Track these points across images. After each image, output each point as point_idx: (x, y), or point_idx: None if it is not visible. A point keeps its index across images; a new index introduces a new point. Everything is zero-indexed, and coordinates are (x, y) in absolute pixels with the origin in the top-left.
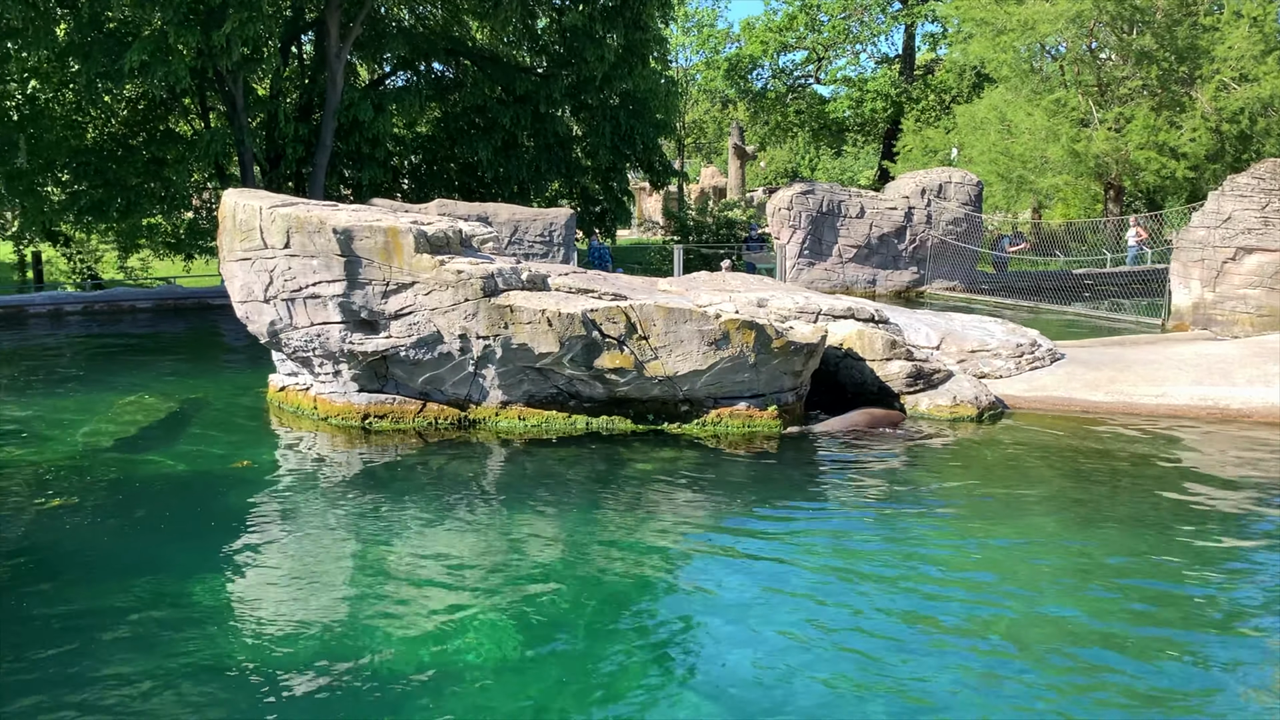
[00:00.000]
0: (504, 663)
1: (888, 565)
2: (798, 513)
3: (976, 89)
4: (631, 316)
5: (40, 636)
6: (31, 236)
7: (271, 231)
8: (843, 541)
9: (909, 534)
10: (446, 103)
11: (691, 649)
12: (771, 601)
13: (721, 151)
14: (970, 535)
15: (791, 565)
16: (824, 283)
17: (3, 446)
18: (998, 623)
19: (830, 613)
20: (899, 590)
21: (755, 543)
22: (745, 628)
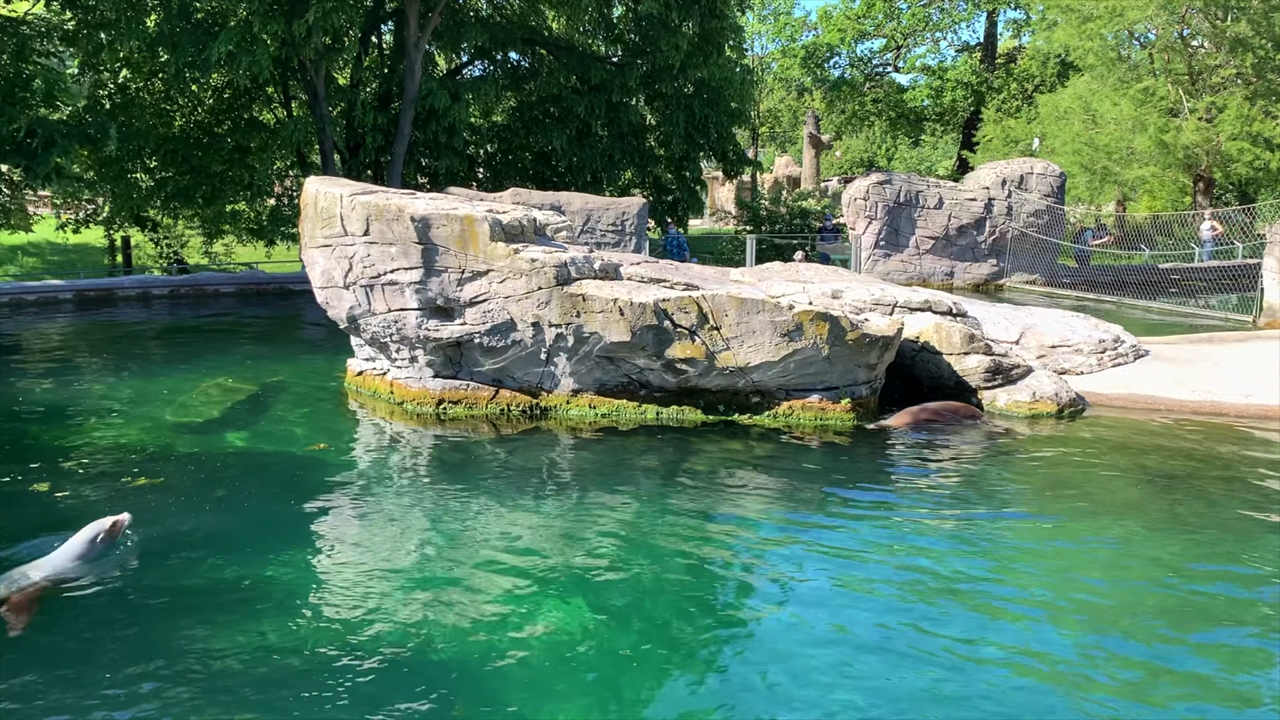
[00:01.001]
0: (570, 650)
1: (959, 567)
2: (869, 509)
3: (1060, 77)
4: (703, 306)
5: (121, 609)
6: (121, 221)
7: (352, 219)
8: (914, 539)
9: (982, 534)
10: (522, 92)
11: (757, 645)
12: (839, 599)
13: (796, 140)
14: (1046, 536)
15: (861, 562)
16: (900, 274)
17: (93, 426)
18: (1068, 628)
19: (896, 612)
20: (970, 592)
21: (825, 538)
22: (812, 625)
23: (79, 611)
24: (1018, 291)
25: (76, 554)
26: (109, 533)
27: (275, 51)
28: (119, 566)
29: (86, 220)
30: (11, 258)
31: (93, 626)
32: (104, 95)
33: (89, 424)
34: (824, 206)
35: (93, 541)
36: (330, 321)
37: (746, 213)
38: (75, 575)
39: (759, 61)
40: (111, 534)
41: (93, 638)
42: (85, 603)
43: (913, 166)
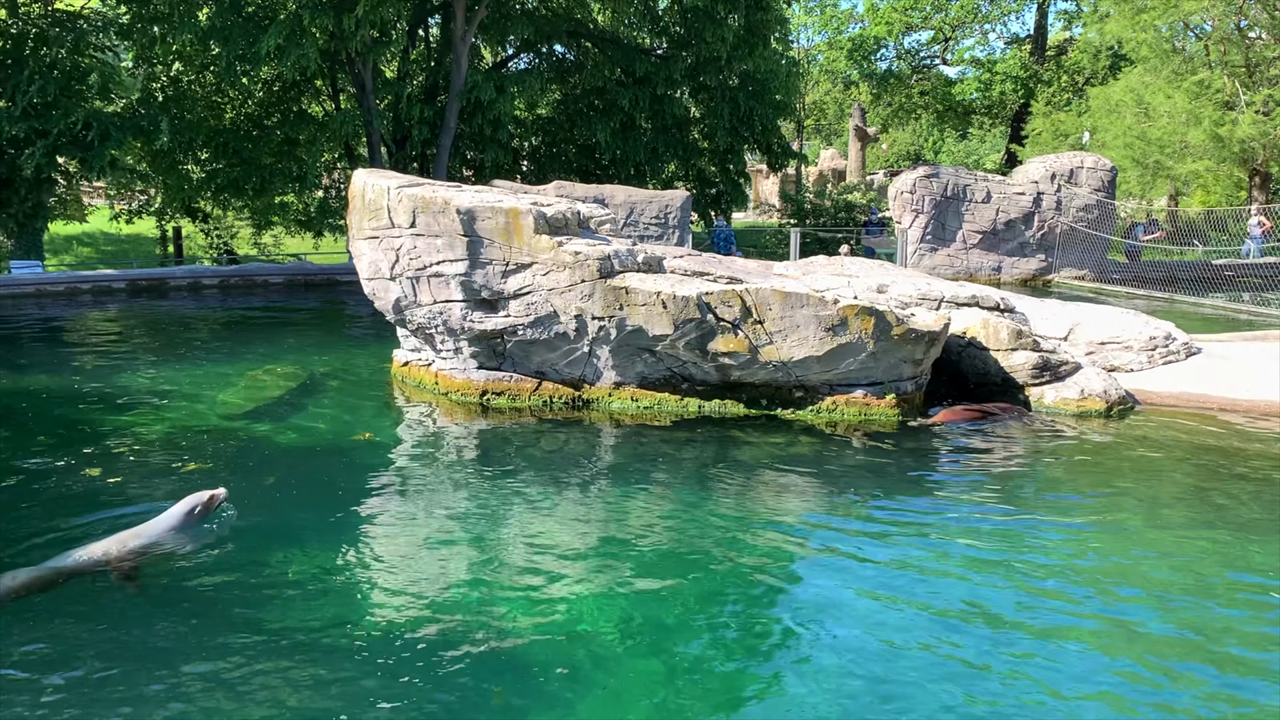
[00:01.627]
0: (608, 641)
1: (1002, 568)
2: (912, 506)
3: (1112, 70)
4: (747, 300)
5: (172, 591)
6: (172, 212)
7: (398, 211)
8: (956, 539)
9: (1027, 536)
10: (567, 85)
11: (793, 643)
12: (878, 600)
13: (842, 133)
14: (1094, 540)
15: (902, 562)
16: (946, 269)
17: (144, 412)
18: (1108, 636)
19: (934, 614)
20: (1013, 596)
21: (866, 535)
22: (849, 625)
23: (129, 592)
24: (1066, 287)
25: (172, 524)
26: (205, 505)
27: (324, 45)
28: (211, 539)
29: (139, 211)
30: (67, 247)
31: (142, 607)
32: (157, 88)
33: (140, 410)
34: (869, 200)
35: (190, 513)
36: (376, 312)
37: (790, 206)
38: (170, 545)
39: (805, 54)
40: (208, 507)
41: (140, 617)
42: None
43: (960, 160)
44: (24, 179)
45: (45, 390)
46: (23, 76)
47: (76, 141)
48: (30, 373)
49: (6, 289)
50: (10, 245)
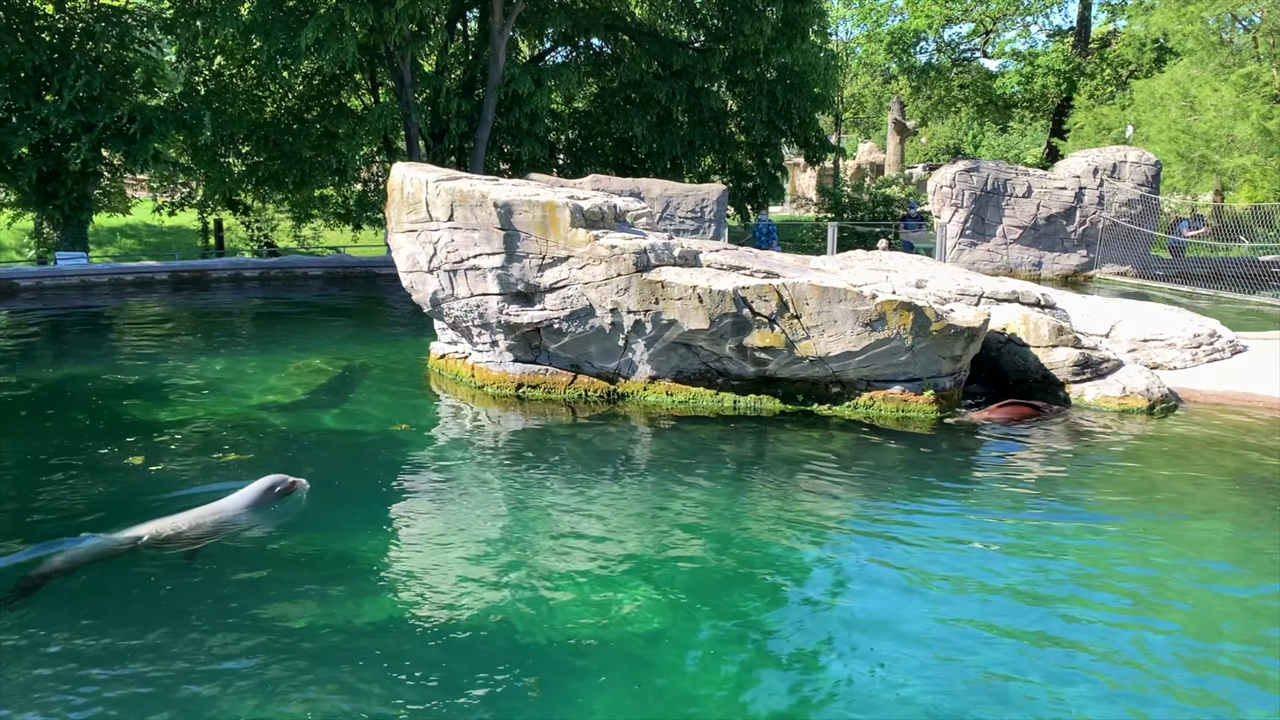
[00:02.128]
0: (640, 634)
1: (1040, 569)
2: (949, 505)
3: (1157, 63)
4: (784, 295)
5: (209, 576)
6: (214, 205)
7: (437, 205)
8: (994, 538)
9: (1066, 536)
10: (603, 78)
11: (827, 640)
12: (913, 597)
13: (880, 127)
14: (1133, 540)
15: (938, 560)
16: (986, 264)
17: (186, 402)
18: (1144, 645)
19: (970, 614)
20: (1049, 597)
21: (902, 533)
22: (883, 623)
23: (169, 575)
24: (1108, 283)
25: (249, 501)
26: (286, 488)
27: (363, 39)
28: (281, 523)
29: (181, 203)
30: (111, 239)
31: (180, 591)
32: (199, 82)
33: (182, 400)
34: (908, 194)
35: (269, 491)
36: (414, 305)
37: (828, 200)
38: (243, 521)
39: (843, 47)
40: (287, 490)
41: (177, 602)
42: (177, 568)
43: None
44: (70, 172)
45: (90, 379)
46: (69, 71)
47: (121, 135)
48: (75, 362)
49: (53, 280)
50: (56, 237)
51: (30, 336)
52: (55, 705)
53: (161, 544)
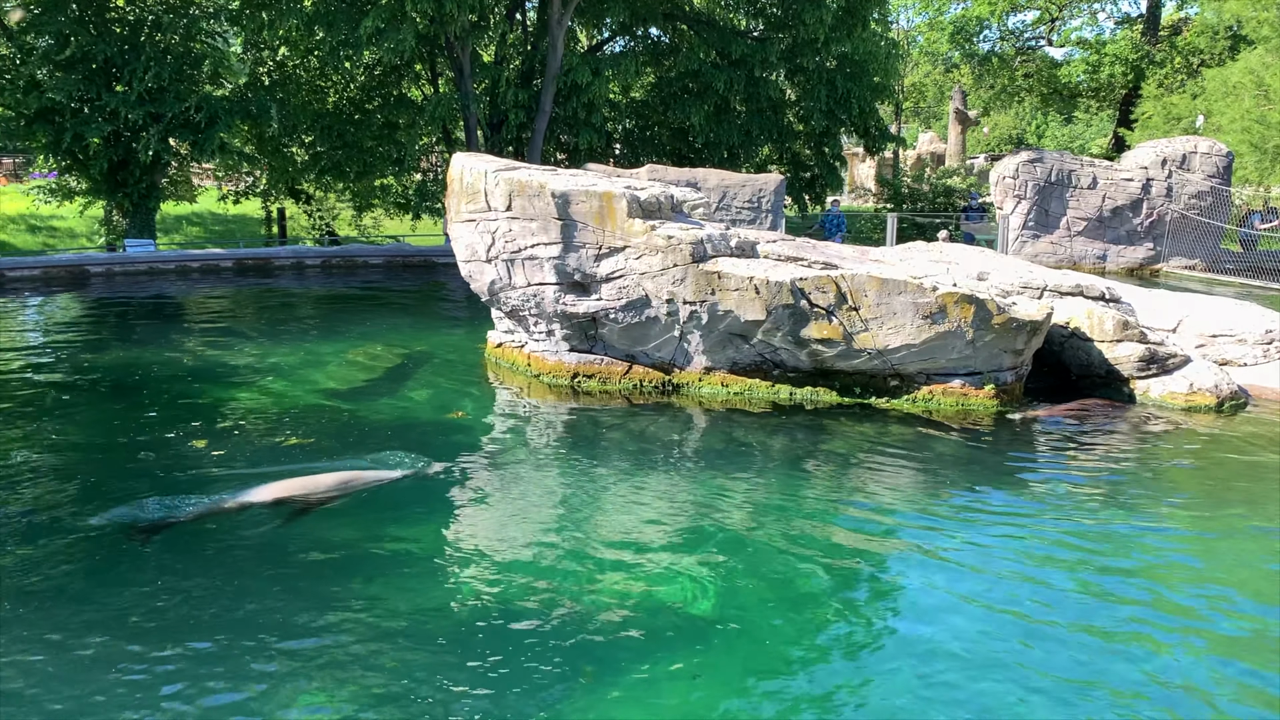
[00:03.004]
0: (694, 627)
1: (1099, 573)
2: (1007, 503)
3: (1230, 51)
4: (842, 286)
5: (267, 557)
6: (277, 194)
7: (495, 194)
8: (1052, 539)
9: (1127, 539)
10: (661, 67)
11: (877, 636)
12: (966, 597)
13: (941, 116)
14: (1199, 544)
15: (993, 560)
16: (1049, 257)
17: (248, 387)
18: (1206, 659)
19: (1023, 617)
20: (1107, 603)
21: (958, 530)
22: (933, 622)
23: (234, 554)
24: (1175, 277)
25: (385, 479)
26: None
27: (423, 29)
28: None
29: (245, 192)
30: (177, 226)
31: (240, 567)
32: (264, 73)
33: (245, 385)
34: (969, 185)
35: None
36: (471, 295)
37: (887, 190)
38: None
39: (905, 35)
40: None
41: (233, 576)
42: (239, 549)
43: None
44: (139, 161)
45: (156, 364)
46: (139, 63)
47: (188, 125)
48: (142, 347)
49: (122, 266)
50: (125, 224)
51: (101, 321)
52: (112, 670)
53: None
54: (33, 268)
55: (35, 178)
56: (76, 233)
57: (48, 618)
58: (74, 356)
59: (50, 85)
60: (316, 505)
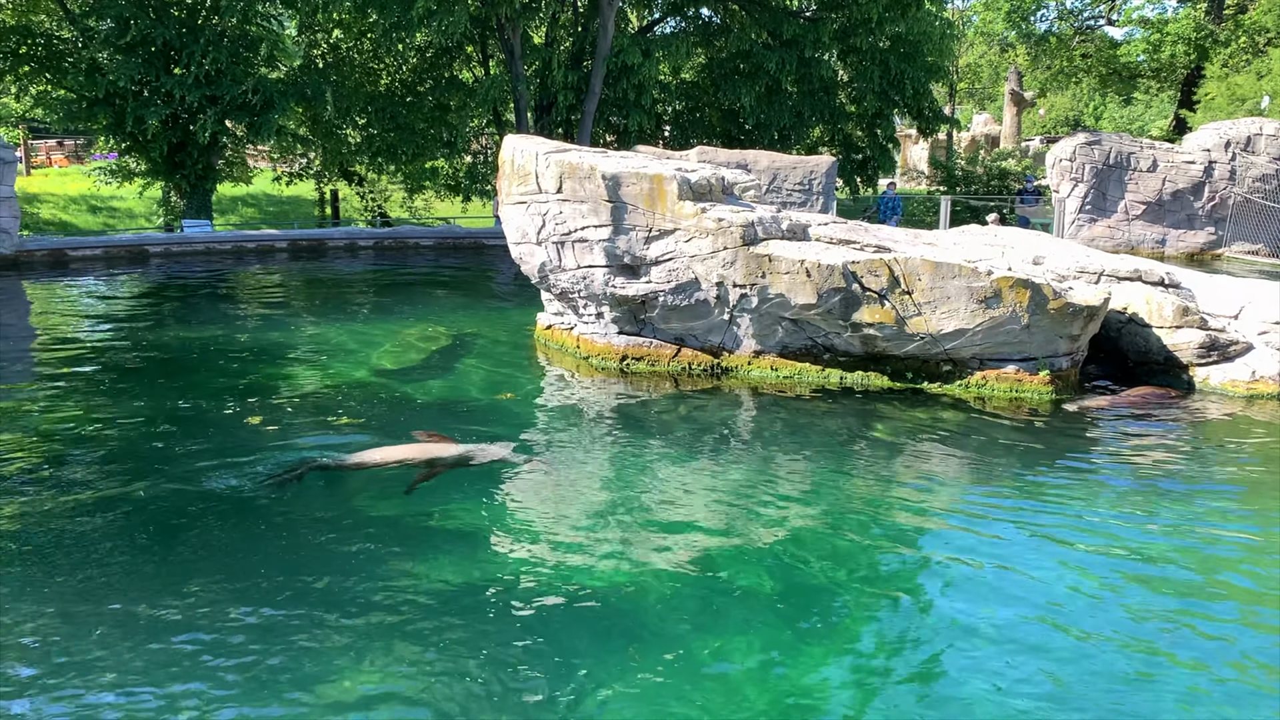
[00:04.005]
0: (741, 610)
1: (1150, 568)
2: (1060, 491)
3: None
4: (895, 270)
5: (318, 529)
6: (330, 175)
7: (546, 177)
8: (1104, 533)
9: (1183, 534)
10: (712, 48)
11: (921, 626)
12: (1013, 589)
13: (996, 98)
14: (1258, 544)
15: (1043, 548)
16: (1106, 241)
17: (302, 366)
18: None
19: (1068, 612)
20: (1158, 598)
21: (1009, 519)
22: (978, 613)
23: (291, 527)
24: (1238, 262)
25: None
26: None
27: (474, 10)
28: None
29: (299, 174)
30: (233, 207)
31: (294, 540)
32: (318, 55)
33: (299, 364)
34: (1025, 168)
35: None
36: (520, 276)
37: (940, 173)
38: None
39: (960, 15)
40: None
41: (285, 550)
42: (288, 523)
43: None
44: (197, 143)
45: (213, 342)
46: (197, 46)
47: (244, 107)
48: (200, 326)
49: (180, 246)
50: (183, 205)
51: (160, 301)
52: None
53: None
54: (94, 247)
55: (96, 159)
56: (135, 213)
57: (109, 585)
58: (134, 334)
59: (111, 69)
60: (440, 472)
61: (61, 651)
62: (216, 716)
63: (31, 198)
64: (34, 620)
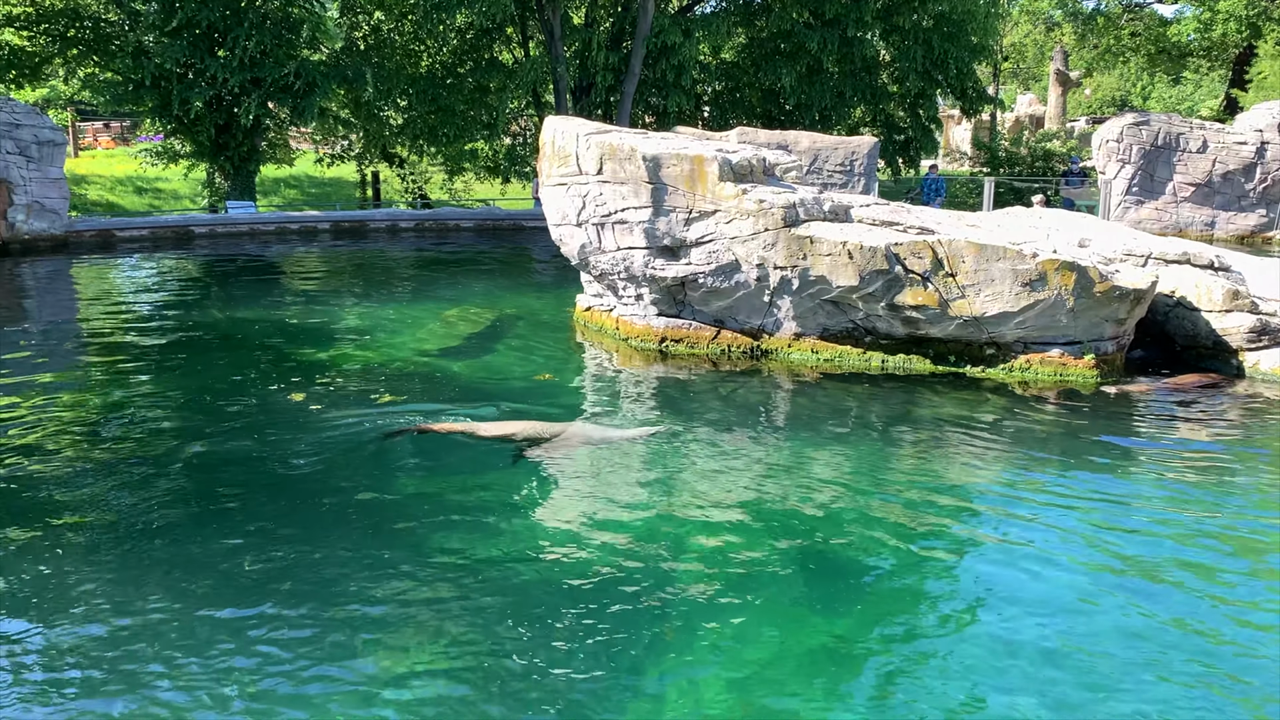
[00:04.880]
0: (777, 594)
1: (1194, 558)
2: (1103, 478)
3: None
4: (939, 252)
5: (361, 506)
6: (371, 157)
7: (586, 158)
8: (1148, 522)
9: (1228, 526)
10: (752, 28)
11: (960, 613)
12: (1055, 577)
13: (1041, 78)
14: None
15: (1083, 536)
16: (1153, 224)
17: (345, 345)
18: None
19: (1108, 602)
20: (1200, 591)
21: (1051, 506)
22: (1018, 600)
23: (329, 504)
24: None
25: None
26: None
27: None
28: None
29: (340, 156)
30: (275, 189)
31: (334, 514)
32: (359, 37)
33: (341, 343)
34: (1069, 149)
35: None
36: (559, 258)
37: (984, 154)
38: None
39: None
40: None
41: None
42: (333, 499)
43: (1170, 106)
44: (241, 126)
45: (258, 322)
46: (241, 29)
47: (287, 90)
48: (245, 305)
49: (225, 227)
50: (227, 187)
51: (205, 280)
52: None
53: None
54: (141, 228)
55: (142, 140)
56: (180, 194)
57: (153, 558)
58: (181, 314)
59: (157, 51)
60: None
61: (120, 615)
62: (259, 686)
63: (79, 179)
64: (90, 584)
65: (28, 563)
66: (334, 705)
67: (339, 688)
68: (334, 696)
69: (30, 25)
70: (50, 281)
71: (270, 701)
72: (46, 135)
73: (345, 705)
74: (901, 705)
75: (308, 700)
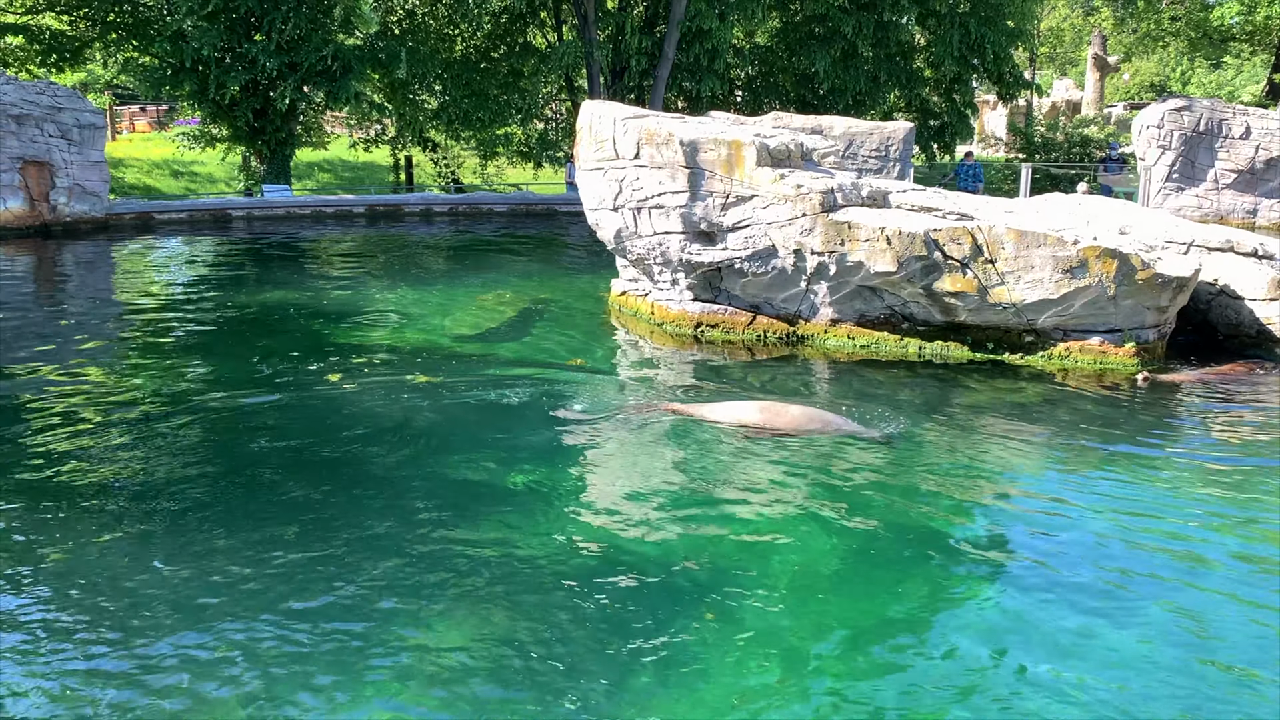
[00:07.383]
0: (812, 580)
1: (1235, 548)
2: (1143, 467)
3: None
4: (978, 238)
5: (385, 488)
6: (405, 142)
7: (623, 142)
8: (1187, 513)
9: (1271, 514)
10: (787, 12)
11: (995, 601)
12: (1093, 567)
13: (1078, 62)
14: None
15: (1125, 527)
16: (1194, 211)
17: (379, 327)
18: None
19: (1152, 593)
20: (1241, 582)
21: (1090, 495)
22: (1055, 590)
23: (364, 485)
24: None
25: (846, 430)
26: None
27: None
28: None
29: (375, 140)
30: (310, 173)
31: (366, 502)
32: (394, 21)
33: (376, 325)
34: (1107, 135)
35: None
36: (593, 243)
37: (1020, 139)
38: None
39: None
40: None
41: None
42: (368, 480)
43: (1211, 91)
44: (277, 110)
45: (294, 303)
46: (278, 13)
47: (323, 74)
48: (282, 288)
49: (261, 210)
50: (263, 170)
51: (243, 263)
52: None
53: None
54: (179, 211)
55: (179, 124)
56: (216, 178)
57: (194, 530)
58: (220, 294)
59: (195, 36)
60: (769, 436)
61: (158, 590)
62: (287, 667)
63: (117, 162)
64: (128, 559)
65: (71, 536)
66: (369, 690)
67: (376, 676)
68: (369, 683)
69: (70, 10)
70: (92, 263)
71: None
72: (87, 119)
73: (381, 693)
74: (934, 689)
75: (339, 684)
